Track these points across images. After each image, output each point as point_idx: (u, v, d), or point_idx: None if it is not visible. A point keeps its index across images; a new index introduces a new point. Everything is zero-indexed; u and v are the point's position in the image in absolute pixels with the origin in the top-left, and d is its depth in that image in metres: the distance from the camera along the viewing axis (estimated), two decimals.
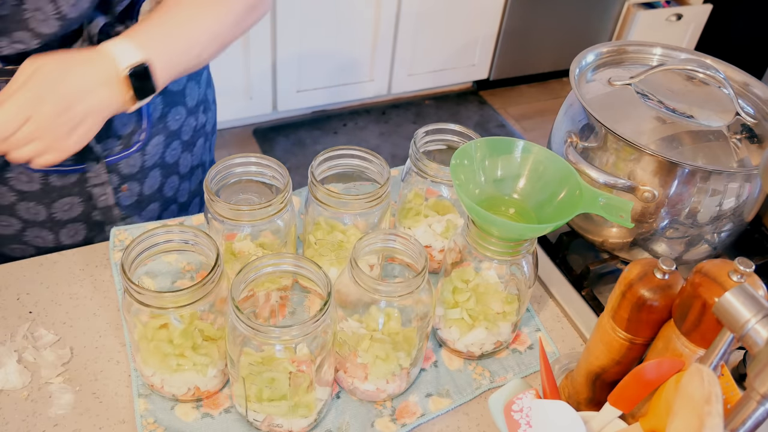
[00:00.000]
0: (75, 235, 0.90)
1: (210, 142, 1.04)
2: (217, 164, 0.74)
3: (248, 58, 2.36)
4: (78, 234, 0.90)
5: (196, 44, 0.76)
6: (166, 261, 0.83)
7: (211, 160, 1.06)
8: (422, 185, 0.83)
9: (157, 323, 0.65)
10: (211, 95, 1.02)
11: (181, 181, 0.97)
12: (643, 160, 0.76)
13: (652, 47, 0.93)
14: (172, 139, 0.91)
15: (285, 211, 0.74)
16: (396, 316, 0.67)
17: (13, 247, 0.89)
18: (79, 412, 0.69)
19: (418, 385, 0.74)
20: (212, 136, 1.05)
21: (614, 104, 0.83)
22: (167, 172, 0.93)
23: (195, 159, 0.98)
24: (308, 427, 0.68)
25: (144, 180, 0.90)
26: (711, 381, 0.47)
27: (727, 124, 0.82)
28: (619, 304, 0.58)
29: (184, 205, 1.00)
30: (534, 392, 0.58)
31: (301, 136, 2.64)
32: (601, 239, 0.86)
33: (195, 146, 0.97)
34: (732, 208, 0.78)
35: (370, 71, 2.66)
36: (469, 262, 0.73)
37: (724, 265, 0.53)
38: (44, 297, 0.80)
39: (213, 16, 0.77)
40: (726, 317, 0.48)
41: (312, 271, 0.63)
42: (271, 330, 0.59)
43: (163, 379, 0.68)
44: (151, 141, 0.88)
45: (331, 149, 0.77)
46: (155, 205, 0.94)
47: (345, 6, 2.42)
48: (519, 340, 0.81)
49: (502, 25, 2.79)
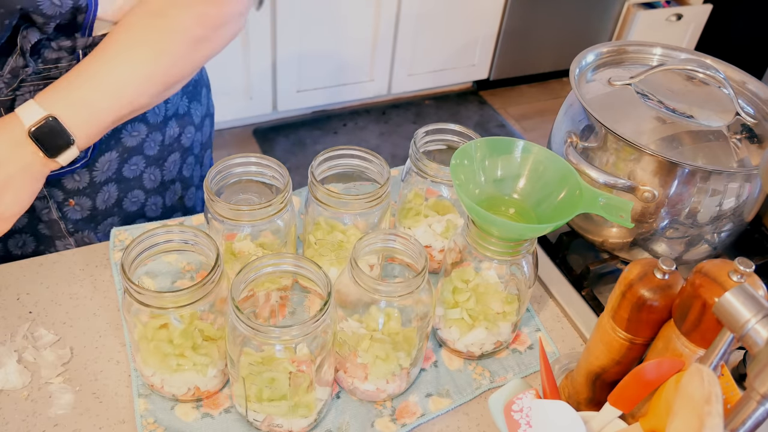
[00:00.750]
0: (24, 246, 0.89)
1: (196, 158, 1.01)
2: (217, 164, 0.74)
3: (248, 58, 2.36)
4: (27, 245, 0.89)
5: (122, 89, 0.73)
6: (166, 261, 0.83)
7: (201, 175, 1.04)
8: (422, 185, 0.83)
9: (157, 323, 0.65)
10: (198, 112, 0.99)
11: (149, 195, 0.94)
12: (643, 160, 0.76)
13: (652, 47, 0.93)
14: (131, 154, 0.89)
15: (285, 211, 0.74)
16: (396, 316, 0.67)
17: None
18: (79, 412, 0.69)
19: (418, 385, 0.75)
20: (200, 152, 1.02)
21: (614, 104, 0.83)
22: (126, 187, 0.91)
23: (167, 174, 0.96)
24: (308, 427, 0.68)
25: (95, 195, 0.88)
26: (711, 381, 0.47)
27: (727, 124, 0.82)
28: (619, 304, 0.58)
29: (155, 220, 0.98)
30: (534, 392, 0.58)
31: (301, 136, 2.64)
32: (601, 239, 0.86)
33: (165, 161, 0.94)
34: (732, 208, 0.78)
35: (370, 71, 2.66)
36: (469, 262, 0.73)
37: (724, 265, 0.53)
38: (44, 297, 0.80)
39: (141, 59, 0.74)
40: (726, 317, 0.48)
41: (312, 271, 0.63)
42: (271, 330, 0.59)
43: (163, 379, 0.68)
44: (101, 158, 0.86)
45: (331, 149, 0.77)
46: (113, 219, 0.92)
47: (345, 6, 2.42)
48: (519, 340, 0.81)
49: (502, 25, 2.79)
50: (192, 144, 0.99)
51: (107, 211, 0.91)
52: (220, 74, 2.37)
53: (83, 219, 0.90)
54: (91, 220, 0.90)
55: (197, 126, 0.99)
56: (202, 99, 0.99)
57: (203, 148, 1.03)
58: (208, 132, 1.04)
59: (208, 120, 1.03)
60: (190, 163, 1.00)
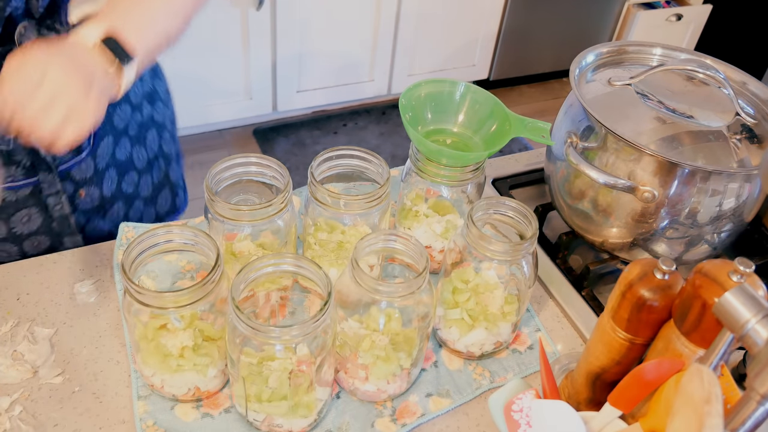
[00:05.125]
0: (38, 245, 0.90)
1: (170, 133, 1.04)
2: (217, 164, 0.74)
3: (248, 58, 2.36)
4: (41, 244, 0.90)
5: (159, 21, 0.76)
6: (167, 261, 0.83)
7: (177, 151, 1.06)
8: (422, 185, 0.83)
9: (157, 323, 0.65)
10: (161, 87, 1.02)
11: (140, 175, 0.97)
12: (643, 161, 0.76)
13: (652, 47, 0.93)
14: (120, 137, 0.91)
15: (285, 211, 0.74)
16: (396, 317, 0.67)
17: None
18: (79, 412, 0.69)
19: (419, 385, 0.75)
20: (171, 127, 1.05)
21: (614, 104, 0.83)
22: (122, 170, 0.93)
23: (150, 152, 0.98)
24: (308, 427, 0.68)
25: (101, 182, 0.90)
26: (711, 381, 0.47)
27: (727, 124, 0.82)
28: (619, 304, 0.58)
29: (149, 200, 1.00)
30: (534, 392, 0.58)
31: (301, 136, 2.64)
32: (601, 239, 0.86)
33: (146, 139, 0.97)
34: (732, 208, 0.78)
35: (370, 71, 2.66)
36: (469, 262, 0.73)
37: (724, 265, 0.53)
38: (44, 297, 0.80)
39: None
40: (726, 317, 0.48)
41: (312, 271, 0.63)
42: (271, 330, 0.59)
43: (163, 379, 0.68)
44: (101, 143, 0.88)
45: (331, 149, 0.77)
46: (119, 204, 0.94)
47: (345, 6, 2.42)
48: (519, 340, 0.81)
49: (502, 25, 2.79)
50: (164, 120, 1.01)
51: (113, 197, 0.93)
52: (220, 74, 2.37)
53: (93, 209, 0.91)
54: (99, 209, 0.92)
55: (164, 101, 1.01)
56: (160, 75, 1.02)
57: (173, 123, 1.06)
58: (172, 107, 1.06)
59: (169, 95, 1.05)
60: (167, 138, 1.03)
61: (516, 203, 0.72)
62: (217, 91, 2.40)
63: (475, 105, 0.85)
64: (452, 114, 0.85)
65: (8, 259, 0.88)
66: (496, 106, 0.83)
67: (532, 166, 1.07)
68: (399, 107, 0.80)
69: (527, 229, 0.71)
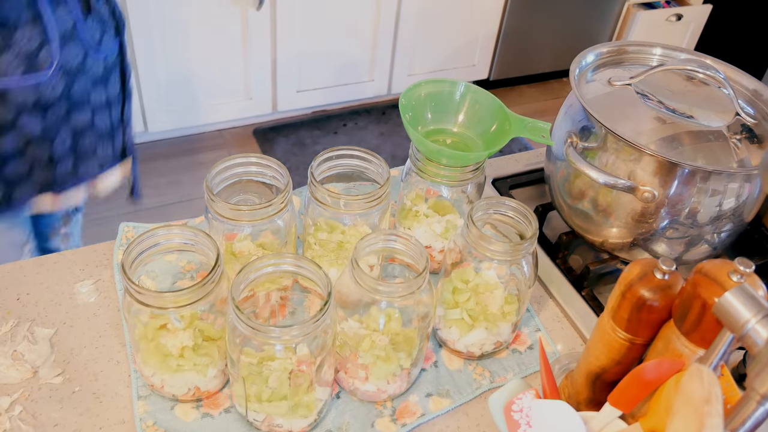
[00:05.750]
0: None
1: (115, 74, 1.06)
2: (217, 164, 0.74)
3: (248, 58, 2.36)
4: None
5: None
6: (167, 261, 0.83)
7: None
8: (422, 185, 0.83)
9: (157, 323, 0.65)
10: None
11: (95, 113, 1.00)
12: (643, 161, 0.76)
13: (652, 47, 0.93)
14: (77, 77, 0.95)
15: (285, 211, 0.74)
16: (396, 317, 0.67)
17: None
18: (79, 412, 0.69)
19: (419, 385, 0.75)
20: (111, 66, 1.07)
21: (614, 104, 0.83)
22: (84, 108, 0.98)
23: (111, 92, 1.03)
24: (308, 427, 0.68)
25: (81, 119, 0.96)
26: (711, 381, 0.47)
27: (727, 124, 0.82)
28: (619, 304, 0.58)
29: (106, 135, 1.03)
30: (534, 392, 0.58)
31: (301, 136, 2.64)
32: (601, 239, 0.86)
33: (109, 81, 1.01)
34: (732, 208, 0.78)
35: (370, 71, 2.66)
36: (469, 262, 0.73)
37: (724, 265, 0.53)
38: (44, 297, 0.80)
39: None
40: (726, 317, 0.48)
41: (312, 271, 0.63)
42: (271, 330, 0.59)
43: (163, 379, 0.68)
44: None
45: (331, 149, 0.77)
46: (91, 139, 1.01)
47: (345, 6, 2.42)
48: (519, 340, 0.81)
49: (502, 25, 2.79)
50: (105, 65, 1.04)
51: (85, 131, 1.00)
52: (220, 74, 2.37)
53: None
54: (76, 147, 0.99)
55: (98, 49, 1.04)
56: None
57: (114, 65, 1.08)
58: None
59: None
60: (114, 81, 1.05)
61: (516, 203, 0.72)
62: (217, 91, 2.40)
63: (475, 105, 0.85)
64: (452, 114, 0.85)
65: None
66: (496, 106, 0.83)
67: (532, 166, 1.07)
68: (399, 107, 0.80)
69: (527, 229, 0.71)
